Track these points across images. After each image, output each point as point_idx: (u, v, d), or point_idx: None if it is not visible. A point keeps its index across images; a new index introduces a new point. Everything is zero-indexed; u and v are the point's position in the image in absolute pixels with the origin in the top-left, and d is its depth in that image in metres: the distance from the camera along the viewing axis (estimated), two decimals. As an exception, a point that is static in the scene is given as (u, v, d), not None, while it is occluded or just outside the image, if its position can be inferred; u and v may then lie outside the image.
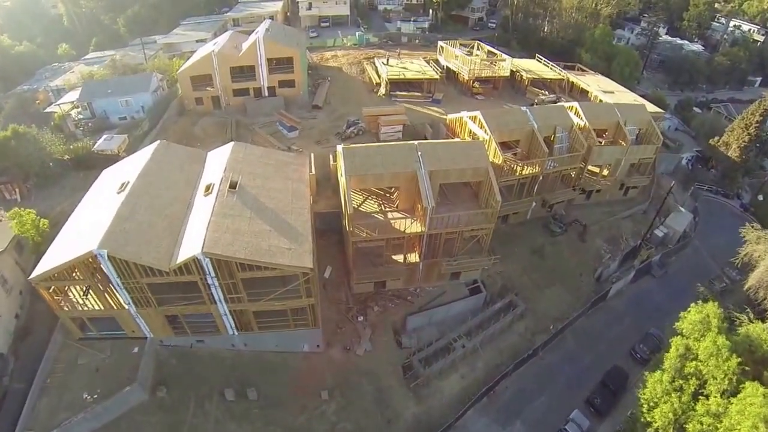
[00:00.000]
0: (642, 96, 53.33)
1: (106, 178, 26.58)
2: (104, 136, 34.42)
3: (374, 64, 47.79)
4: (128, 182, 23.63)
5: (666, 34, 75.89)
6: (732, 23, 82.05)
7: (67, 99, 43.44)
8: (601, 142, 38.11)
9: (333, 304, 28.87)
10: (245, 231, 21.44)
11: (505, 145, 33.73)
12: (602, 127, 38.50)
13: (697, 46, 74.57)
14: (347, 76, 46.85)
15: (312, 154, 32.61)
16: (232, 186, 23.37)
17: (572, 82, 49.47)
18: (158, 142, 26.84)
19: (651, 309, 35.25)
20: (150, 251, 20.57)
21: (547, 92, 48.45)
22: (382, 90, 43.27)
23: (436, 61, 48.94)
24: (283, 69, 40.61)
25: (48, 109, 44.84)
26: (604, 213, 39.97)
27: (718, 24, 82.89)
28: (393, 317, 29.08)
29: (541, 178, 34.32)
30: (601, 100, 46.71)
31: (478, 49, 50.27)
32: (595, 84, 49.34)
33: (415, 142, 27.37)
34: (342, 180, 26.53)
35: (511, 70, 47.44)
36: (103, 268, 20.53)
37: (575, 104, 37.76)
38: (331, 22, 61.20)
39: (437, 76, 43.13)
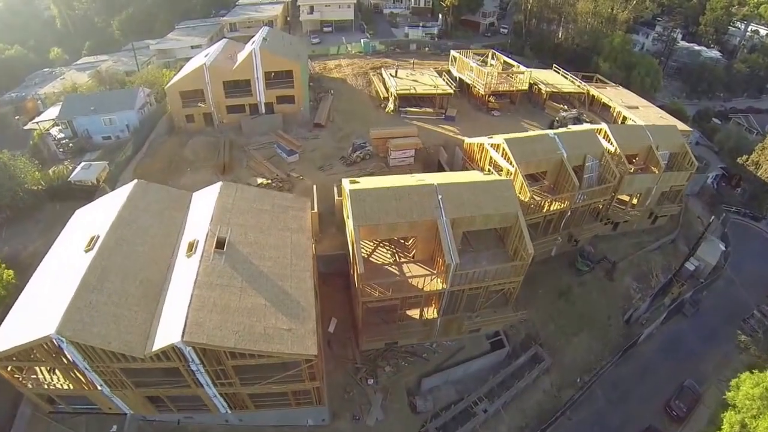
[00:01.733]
0: (660, 107, 48.52)
1: (77, 223, 21.96)
2: (81, 164, 29.69)
3: (381, 75, 42.53)
4: (98, 237, 19.12)
5: (681, 39, 70.45)
6: (750, 28, 76.53)
7: (47, 115, 38.52)
8: (632, 170, 33.79)
9: (339, 363, 24.76)
10: (235, 307, 17.04)
11: (530, 177, 29.07)
12: (633, 153, 33.58)
13: (714, 53, 69.11)
14: (352, 88, 41.64)
15: (315, 187, 28.14)
16: (220, 245, 18.90)
17: (593, 96, 44.92)
18: (135, 182, 22.09)
19: (684, 354, 31.19)
20: (121, 333, 16.19)
21: (566, 106, 43.76)
22: (391, 106, 38.23)
23: (448, 72, 43.82)
24: (282, 83, 35.50)
25: (28, 126, 40.04)
26: (632, 245, 35.63)
27: (734, 29, 77.27)
28: (406, 378, 25.06)
29: (569, 213, 30.21)
30: (624, 117, 41.99)
31: (492, 58, 45.09)
32: (618, 98, 44.35)
33: (434, 181, 22.69)
34: (349, 227, 22.06)
35: (529, 83, 42.95)
36: (66, 353, 16.61)
37: (604, 127, 32.98)
38: (334, 27, 55.41)
39: (451, 91, 38.11)
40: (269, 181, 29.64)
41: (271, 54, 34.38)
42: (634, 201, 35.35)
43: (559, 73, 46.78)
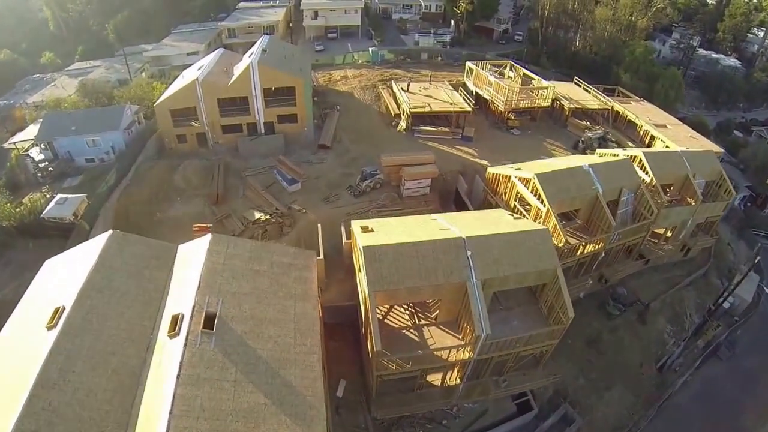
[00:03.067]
0: (681, 119, 44.76)
1: (43, 283, 18.40)
2: (56, 199, 25.73)
3: (392, 89, 38.30)
4: (63, 308, 15.50)
5: (699, 46, 66.15)
6: (770, 34, 72.00)
7: (26, 134, 34.27)
8: (669, 201, 30.17)
9: (348, 432, 21.65)
10: (228, 410, 13.26)
11: (561, 215, 25.00)
12: (669, 182, 29.76)
13: (733, 61, 64.83)
14: (360, 103, 37.45)
15: (320, 226, 24.52)
16: (209, 322, 15.12)
17: (617, 112, 40.91)
18: (109, 234, 18.22)
19: (722, 404, 27.79)
20: (83, 446, 12.91)
21: (588, 123, 39.88)
22: (403, 124, 34.16)
23: (464, 86, 39.71)
24: (283, 101, 31.31)
25: (7, 144, 36.05)
26: (663, 281, 32.07)
27: (753, 36, 72.80)
28: (424, 448, 21.96)
29: (603, 254, 26.70)
30: (652, 137, 38.29)
31: (511, 70, 41.16)
32: (644, 114, 40.33)
33: (461, 232, 18.86)
34: (363, 287, 18.26)
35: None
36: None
37: (639, 154, 29.03)
38: (340, 33, 50.75)
39: (469, 109, 33.93)
40: (268, 216, 25.88)
41: (270, 69, 30.22)
42: (668, 234, 32.06)
43: (580, 86, 42.88)
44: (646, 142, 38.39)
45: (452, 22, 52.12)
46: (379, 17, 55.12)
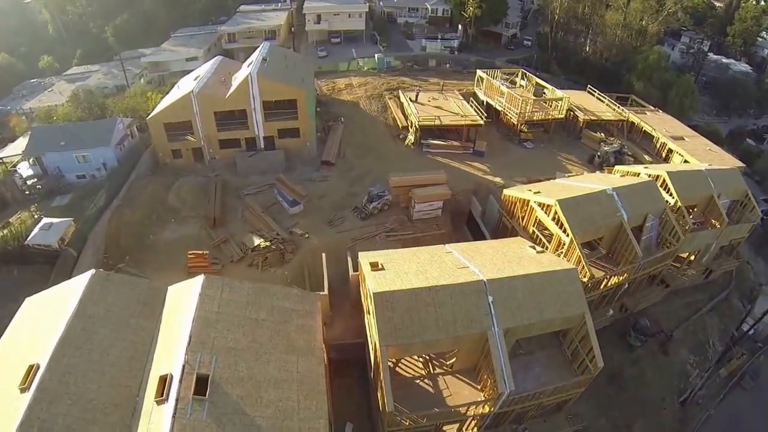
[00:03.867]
0: (693, 127, 42.36)
1: (21, 326, 16.06)
2: (40, 224, 23.37)
3: (399, 99, 35.77)
4: (37, 366, 13.26)
5: (708, 51, 63.42)
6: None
7: (15, 148, 31.73)
8: (694, 224, 28.02)
9: (356, 481, 19.74)
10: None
11: (583, 244, 22.67)
12: (693, 203, 27.23)
13: (744, 66, 62.11)
14: (365, 114, 34.89)
15: (324, 257, 22.39)
16: (201, 387, 12.87)
17: (632, 123, 38.52)
18: (92, 274, 16.02)
19: (748, 439, 26.37)
20: None
21: (602, 134, 37.51)
22: (411, 138, 31.75)
23: (474, 95, 37.26)
24: (284, 115, 28.88)
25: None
26: (685, 306, 29.89)
27: (763, 40, 69.89)
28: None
29: (626, 285, 24.61)
30: (670, 150, 35.99)
31: (523, 78, 38.75)
32: (660, 126, 37.90)
33: (484, 277, 16.56)
34: (373, 337, 16.14)
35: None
36: None
37: (663, 173, 26.50)
38: (343, 37, 47.94)
39: (482, 122, 31.45)
40: (268, 243, 23.62)
41: (270, 80, 27.79)
42: (691, 258, 29.90)
43: (594, 95, 40.49)
44: (663, 155, 36.07)
45: (459, 26, 49.27)
46: (384, 21, 52.27)
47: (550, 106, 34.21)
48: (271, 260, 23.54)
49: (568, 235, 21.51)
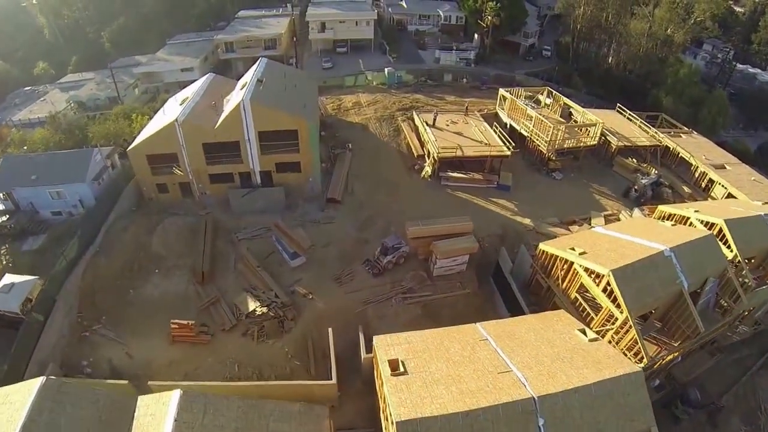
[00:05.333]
0: (721, 144, 36.51)
1: None
2: (0, 284, 18.15)
3: (413, 122, 29.74)
4: None
5: (732, 60, 56.65)
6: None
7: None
8: (754, 279, 22.66)
9: None
10: None
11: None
12: (751, 255, 21.75)
13: (769, 75, 55.73)
14: (376, 140, 28.92)
15: (331, 332, 17.25)
16: None
17: (666, 147, 31.52)
18: (41, 384, 11.12)
19: None
20: None
21: (635, 160, 31.73)
22: (428, 169, 26.04)
23: (496, 116, 31.08)
24: (283, 147, 23.01)
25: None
26: (733, 364, 23.79)
27: (785, 46, 62.71)
28: None
29: (680, 359, 19.63)
30: (711, 180, 30.36)
31: (548, 96, 32.70)
32: (698, 151, 32.02)
33: (533, 394, 11.63)
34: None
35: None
36: None
37: (720, 222, 20.81)
38: (350, 47, 41.47)
39: (508, 152, 25.78)
40: (265, 309, 18.41)
41: (266, 107, 21.92)
42: (744, 313, 24.83)
43: (624, 115, 34.62)
44: (703, 185, 30.64)
45: (475, 36, 42.49)
46: (393, 29, 45.10)
47: (583, 132, 28.73)
48: (268, 330, 18.30)
49: (622, 312, 16.48)
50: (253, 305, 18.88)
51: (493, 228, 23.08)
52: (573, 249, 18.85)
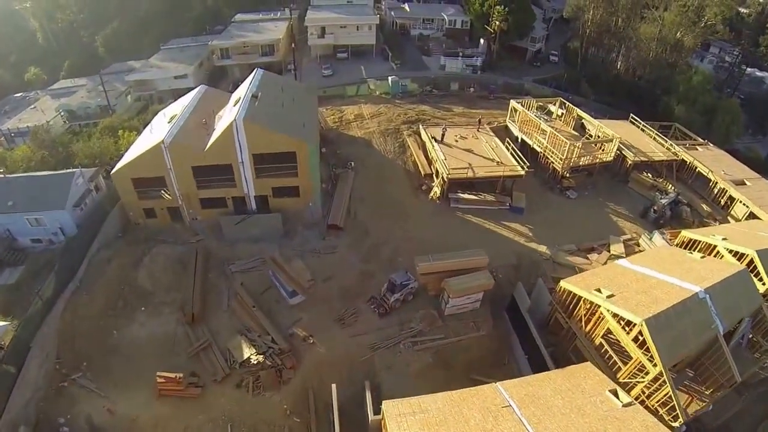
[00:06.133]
0: (732, 152, 33.94)
1: None
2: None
3: (420, 137, 26.87)
4: None
5: (741, 64, 53.44)
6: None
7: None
8: None
9: None
10: None
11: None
12: None
13: (777, 79, 52.71)
14: (380, 157, 26.00)
15: (334, 390, 14.16)
16: None
17: (682, 160, 28.50)
18: None
19: None
20: None
21: (650, 174, 28.98)
22: (436, 190, 23.32)
23: (506, 129, 28.20)
24: (281, 170, 20.17)
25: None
26: (759, 399, 22.38)
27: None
28: None
29: (711, 407, 17.34)
30: (730, 197, 27.75)
31: (561, 107, 29.53)
32: (716, 165, 29.02)
33: None
34: None
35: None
36: None
37: (752, 253, 18.30)
38: (350, 52, 38.16)
39: (523, 172, 23.12)
40: (261, 357, 15.92)
41: (261, 127, 19.06)
42: None
43: (639, 126, 31.87)
44: (722, 202, 28.15)
45: (481, 41, 38.92)
46: (395, 34, 41.63)
47: (599, 150, 26.01)
48: (265, 381, 15.75)
49: (656, 365, 14.08)
50: (248, 352, 16.40)
51: (507, 257, 20.48)
52: (599, 290, 16.55)
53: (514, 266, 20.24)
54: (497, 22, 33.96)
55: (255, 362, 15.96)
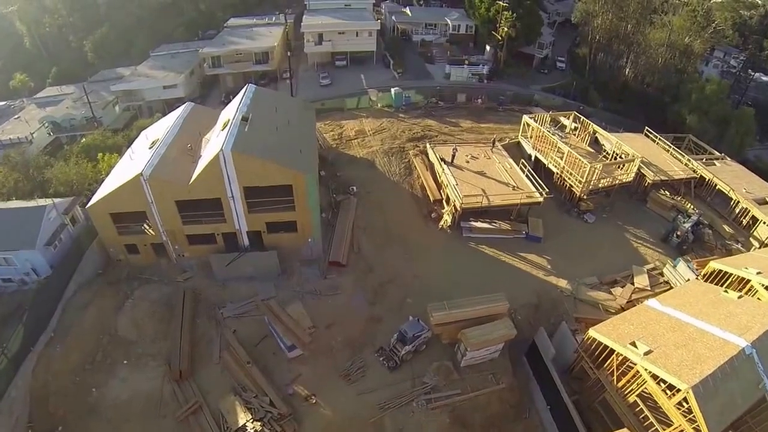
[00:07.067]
0: (742, 162, 31.61)
1: None
2: None
3: (427, 156, 23.97)
4: None
5: (744, 67, 50.64)
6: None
7: None
8: None
9: None
10: None
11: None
12: None
13: (785, 84, 49.92)
14: (384, 179, 23.06)
15: None
16: None
17: (701, 177, 25.91)
18: None
19: None
20: None
21: (667, 192, 26.25)
22: (447, 218, 20.53)
23: (518, 145, 25.44)
24: (275, 204, 17.36)
25: None
26: None
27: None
28: None
29: None
30: (753, 217, 25.34)
31: (575, 121, 26.58)
32: (736, 182, 26.37)
33: None
34: None
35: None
36: None
37: None
38: (350, 59, 34.71)
39: (541, 199, 20.38)
40: (257, 425, 13.23)
41: (251, 159, 16.15)
42: None
43: (656, 141, 28.98)
44: (744, 222, 25.84)
45: (487, 47, 35.77)
46: (397, 40, 38.05)
47: (619, 170, 23.15)
48: (260, 452, 14.14)
49: None
50: (243, 418, 13.82)
51: (526, 295, 17.96)
52: (634, 344, 14.30)
53: (533, 306, 17.76)
54: (505, 28, 30.86)
55: (252, 430, 13.70)
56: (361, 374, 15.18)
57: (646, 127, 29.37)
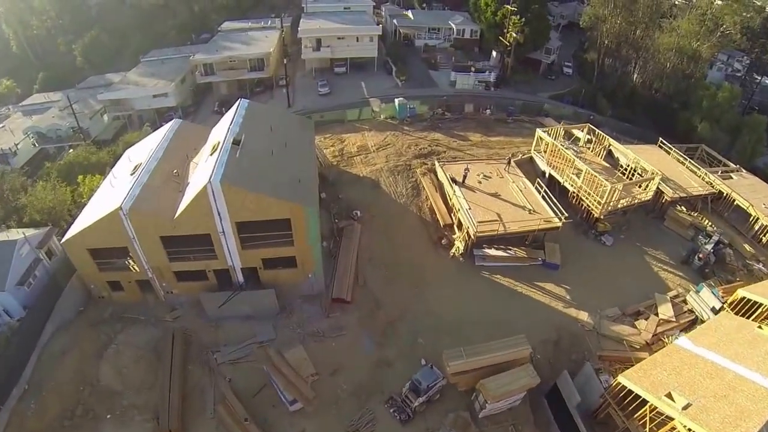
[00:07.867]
0: (753, 171, 29.65)
1: None
2: None
3: (436, 175, 21.65)
4: None
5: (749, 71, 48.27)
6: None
7: None
8: None
9: None
10: None
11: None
12: None
13: (788, 88, 47.78)
14: (390, 201, 20.73)
15: None
16: None
17: (719, 191, 23.91)
18: None
19: None
20: None
21: (683, 207, 24.24)
22: (459, 245, 18.40)
23: (530, 160, 23.22)
24: (272, 238, 15.13)
25: None
26: None
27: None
28: None
29: None
30: (775, 235, 23.66)
31: (589, 133, 24.34)
32: (755, 197, 24.30)
33: None
34: None
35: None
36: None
37: None
38: (349, 65, 31.96)
39: (559, 224, 18.27)
40: (254, 500, 12.44)
41: (244, 192, 13.84)
42: None
43: (670, 153, 26.89)
44: (764, 240, 24.20)
45: (493, 53, 33.23)
46: (398, 45, 35.20)
47: (639, 189, 21.01)
48: None
49: None
50: (237, 489, 12.48)
51: (545, 331, 16.05)
52: (670, 396, 12.54)
53: (553, 342, 15.95)
54: (513, 34, 28.44)
55: (246, 505, 11.95)
56: (371, 429, 13.33)
57: (660, 139, 27.42)
